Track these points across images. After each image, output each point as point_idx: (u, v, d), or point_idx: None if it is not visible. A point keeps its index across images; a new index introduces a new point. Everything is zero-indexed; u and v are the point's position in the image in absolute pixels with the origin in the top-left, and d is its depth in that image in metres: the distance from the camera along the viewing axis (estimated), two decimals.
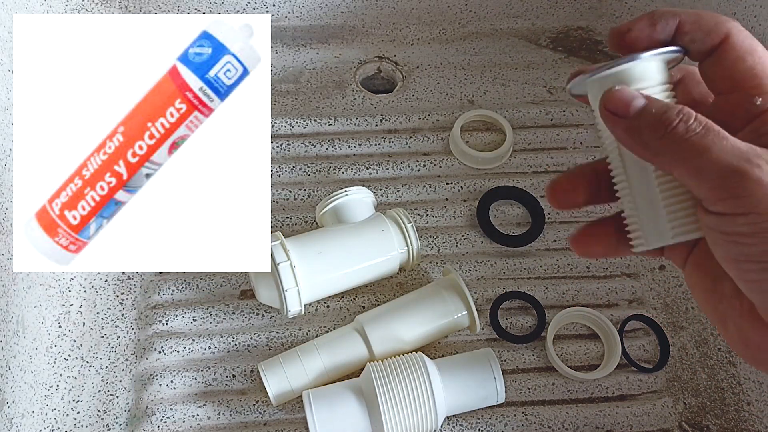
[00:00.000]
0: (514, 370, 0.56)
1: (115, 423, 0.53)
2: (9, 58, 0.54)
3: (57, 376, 0.55)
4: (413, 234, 0.56)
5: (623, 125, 0.26)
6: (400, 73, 0.73)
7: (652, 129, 0.25)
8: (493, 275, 0.60)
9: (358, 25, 0.74)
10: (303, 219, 0.62)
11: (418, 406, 0.48)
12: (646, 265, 0.62)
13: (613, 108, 0.26)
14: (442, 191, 0.65)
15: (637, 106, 0.26)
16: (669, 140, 0.25)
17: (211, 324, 0.57)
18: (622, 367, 0.56)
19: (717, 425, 0.55)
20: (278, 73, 0.73)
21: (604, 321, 0.57)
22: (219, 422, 0.53)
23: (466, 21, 0.75)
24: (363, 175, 0.65)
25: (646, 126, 0.26)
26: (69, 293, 0.58)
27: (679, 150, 0.25)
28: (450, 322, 0.54)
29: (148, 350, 0.56)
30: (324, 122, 0.69)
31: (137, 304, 0.59)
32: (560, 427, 0.54)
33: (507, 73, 0.74)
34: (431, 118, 0.69)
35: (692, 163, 0.25)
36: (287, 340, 0.56)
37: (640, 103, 0.26)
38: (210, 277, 0.59)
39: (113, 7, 0.70)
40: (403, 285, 0.60)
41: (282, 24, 0.73)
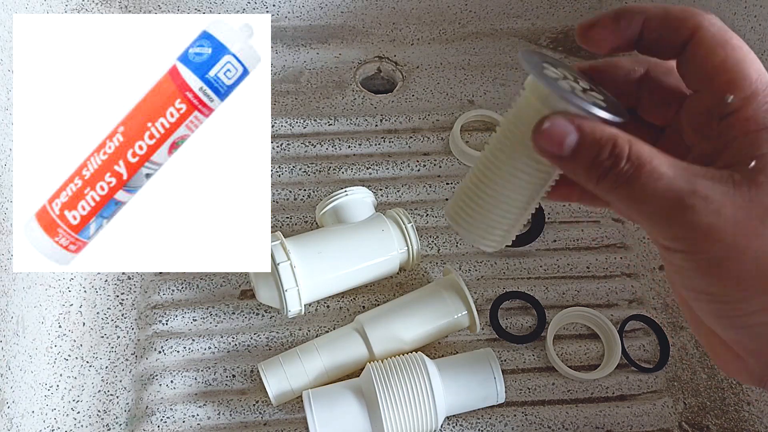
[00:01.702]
0: (514, 370, 0.56)
1: (115, 423, 0.53)
2: (9, 58, 0.54)
3: (57, 376, 0.55)
4: (413, 234, 0.56)
5: (559, 163, 0.25)
6: (400, 73, 0.73)
7: (586, 173, 0.24)
8: (493, 275, 0.60)
9: (358, 25, 0.74)
10: (303, 219, 0.62)
11: (418, 406, 0.48)
12: (646, 265, 0.62)
13: (546, 147, 0.25)
14: (442, 191, 0.65)
15: (569, 145, 0.24)
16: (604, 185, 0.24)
17: (211, 324, 0.57)
18: (622, 367, 0.56)
19: (717, 425, 0.55)
20: (278, 73, 0.73)
21: (604, 321, 0.57)
22: (219, 422, 0.53)
23: (466, 21, 0.75)
24: (363, 175, 0.65)
25: (582, 169, 0.24)
26: (69, 293, 0.58)
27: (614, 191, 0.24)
28: (450, 322, 0.54)
29: (148, 350, 0.56)
30: (324, 122, 0.69)
31: (137, 304, 0.59)
32: (560, 427, 0.54)
33: (507, 73, 0.74)
34: (431, 118, 0.69)
35: (627, 204, 0.24)
36: (287, 340, 0.56)
37: (572, 141, 0.24)
38: (210, 277, 0.59)
39: (113, 7, 0.70)
40: (403, 285, 0.60)
41: (282, 24, 0.73)
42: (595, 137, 0.24)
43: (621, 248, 0.62)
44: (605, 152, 0.24)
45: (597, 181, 0.24)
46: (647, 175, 0.23)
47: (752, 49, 0.25)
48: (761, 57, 0.55)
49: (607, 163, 0.24)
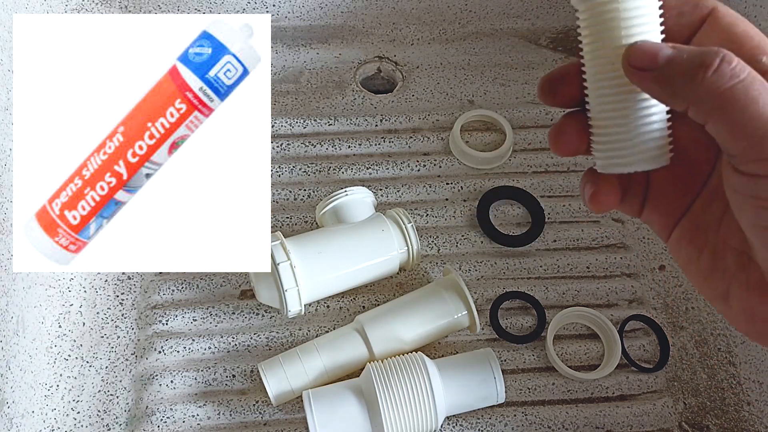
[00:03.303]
0: (514, 370, 0.56)
1: (115, 423, 0.53)
2: (9, 58, 0.54)
3: (57, 376, 0.55)
4: (413, 234, 0.56)
5: (651, 76, 0.24)
6: (400, 73, 0.73)
7: (687, 75, 0.23)
8: (493, 275, 0.60)
9: (358, 25, 0.74)
10: (303, 219, 0.62)
11: (418, 406, 0.48)
12: (646, 265, 0.62)
13: (638, 63, 0.24)
14: (442, 191, 0.65)
15: (665, 54, 0.24)
16: (707, 87, 0.22)
17: (211, 324, 0.57)
18: (622, 367, 0.56)
19: (717, 425, 0.55)
20: (278, 73, 0.73)
21: (604, 321, 0.57)
22: (219, 422, 0.53)
23: (466, 21, 0.75)
24: (363, 175, 0.65)
25: (680, 72, 0.23)
26: (69, 293, 0.58)
27: (718, 99, 0.22)
28: (450, 322, 0.54)
29: (148, 350, 0.56)
30: (324, 122, 0.69)
31: (137, 304, 0.59)
32: (560, 427, 0.54)
33: (507, 73, 0.74)
34: (431, 118, 0.69)
35: (732, 116, 0.22)
36: (287, 340, 0.56)
37: (668, 52, 0.24)
38: (210, 277, 0.59)
39: (113, 7, 0.70)
40: (403, 285, 0.60)
41: (282, 24, 0.73)
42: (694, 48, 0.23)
43: (621, 248, 0.62)
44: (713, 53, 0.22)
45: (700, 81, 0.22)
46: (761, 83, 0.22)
47: None
48: None
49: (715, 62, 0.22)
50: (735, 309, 0.26)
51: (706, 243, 0.27)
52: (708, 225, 0.27)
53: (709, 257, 0.27)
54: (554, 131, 0.28)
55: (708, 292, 0.27)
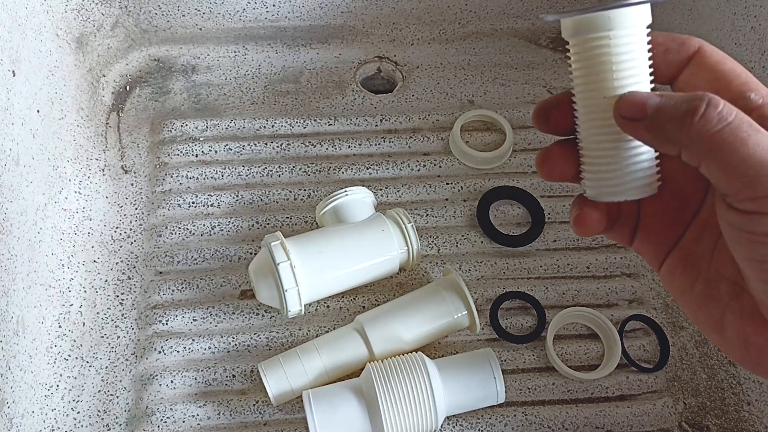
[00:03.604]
0: (514, 370, 0.56)
1: (115, 423, 0.53)
2: (9, 58, 0.54)
3: (57, 376, 0.55)
4: (413, 234, 0.56)
5: (642, 126, 0.25)
6: (400, 73, 0.73)
7: (675, 121, 0.23)
8: (493, 275, 0.60)
9: (358, 25, 0.74)
10: (303, 219, 0.62)
11: (418, 406, 0.48)
12: (646, 265, 0.62)
13: (628, 114, 0.25)
14: (442, 191, 0.65)
15: (653, 103, 0.24)
16: (696, 132, 0.23)
17: (211, 324, 0.57)
18: (622, 367, 0.56)
19: (717, 425, 0.55)
20: (278, 73, 0.73)
21: (604, 321, 0.57)
22: (219, 422, 0.53)
23: (466, 21, 0.75)
24: (363, 175, 0.65)
25: (669, 120, 0.24)
26: (69, 293, 0.58)
27: (708, 143, 0.23)
28: (450, 322, 0.54)
29: (148, 350, 0.56)
30: (324, 122, 0.69)
31: (137, 304, 0.59)
32: (560, 427, 0.54)
33: (507, 73, 0.74)
34: (431, 118, 0.69)
35: (723, 158, 0.22)
36: (287, 340, 0.56)
37: (656, 101, 0.24)
38: (210, 277, 0.59)
39: (113, 7, 0.70)
40: (403, 285, 0.60)
41: (282, 24, 0.73)
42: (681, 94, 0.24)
43: (621, 248, 0.62)
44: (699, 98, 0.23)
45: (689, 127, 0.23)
46: (749, 125, 0.22)
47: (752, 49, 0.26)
48: (761, 57, 0.55)
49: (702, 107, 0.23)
50: (730, 338, 0.26)
51: (699, 273, 0.28)
52: (700, 255, 0.28)
53: (702, 287, 0.27)
54: (541, 156, 0.29)
55: (702, 321, 0.28)
